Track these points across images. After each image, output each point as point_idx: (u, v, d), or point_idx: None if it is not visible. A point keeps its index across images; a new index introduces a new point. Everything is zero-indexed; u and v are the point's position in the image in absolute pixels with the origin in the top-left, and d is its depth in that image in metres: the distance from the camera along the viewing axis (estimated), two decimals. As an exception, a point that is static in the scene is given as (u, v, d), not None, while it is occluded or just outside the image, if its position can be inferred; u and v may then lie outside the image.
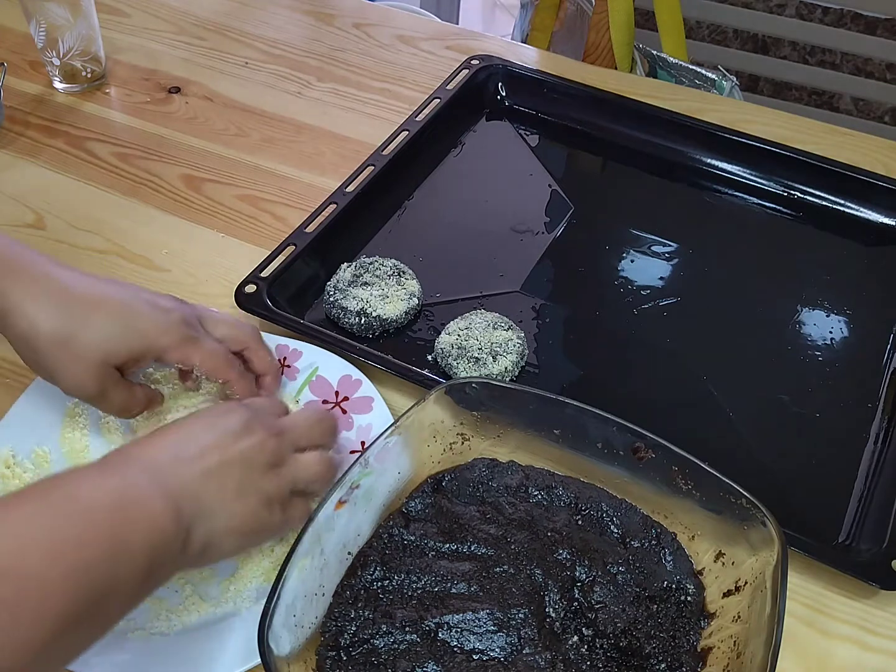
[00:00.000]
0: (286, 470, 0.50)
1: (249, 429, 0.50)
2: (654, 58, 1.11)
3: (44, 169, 0.84)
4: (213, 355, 0.57)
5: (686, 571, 0.53)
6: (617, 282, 0.76)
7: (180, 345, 0.55)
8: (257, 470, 0.49)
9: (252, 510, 0.48)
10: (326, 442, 0.55)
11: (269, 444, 0.50)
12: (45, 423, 0.60)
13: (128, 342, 0.54)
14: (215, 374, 0.58)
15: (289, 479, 0.50)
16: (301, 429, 0.53)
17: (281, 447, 0.51)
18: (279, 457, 0.50)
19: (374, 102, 0.94)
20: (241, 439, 0.49)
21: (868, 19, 1.30)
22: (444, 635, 0.49)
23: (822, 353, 0.71)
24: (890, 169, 0.86)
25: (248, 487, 0.48)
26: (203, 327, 0.58)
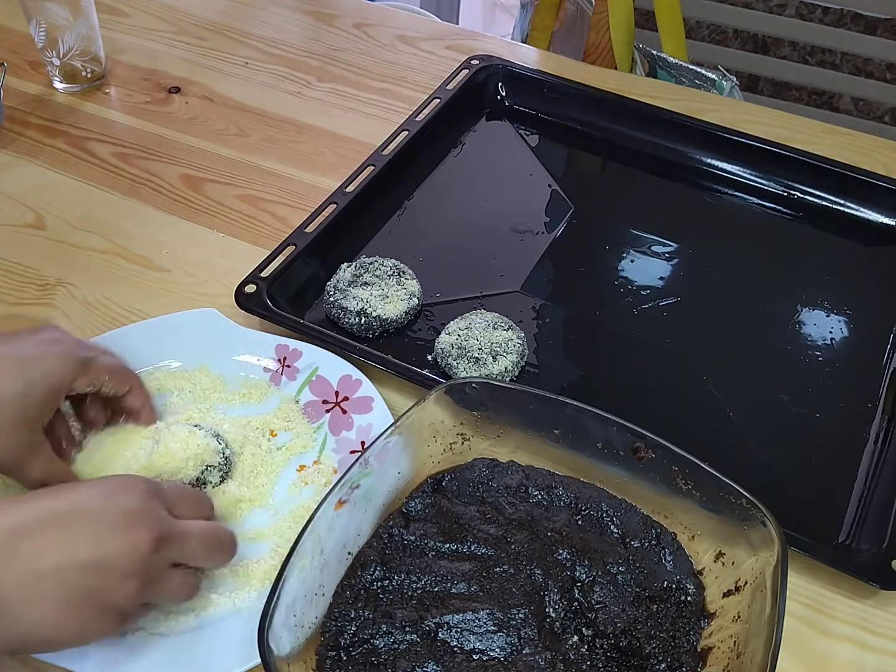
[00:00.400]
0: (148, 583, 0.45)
1: (129, 523, 0.44)
2: (654, 58, 1.11)
3: (44, 169, 0.84)
4: (114, 366, 0.56)
5: (686, 571, 0.53)
6: (617, 282, 0.76)
7: (83, 369, 0.53)
8: (109, 578, 0.43)
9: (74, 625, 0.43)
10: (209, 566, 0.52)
11: (140, 550, 0.44)
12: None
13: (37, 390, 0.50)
14: (121, 384, 0.56)
15: (145, 595, 0.45)
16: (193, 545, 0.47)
17: (154, 557, 0.45)
18: (148, 568, 0.44)
19: (374, 102, 0.94)
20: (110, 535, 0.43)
21: (868, 19, 1.30)
22: (444, 635, 0.49)
23: (822, 353, 0.71)
24: (890, 169, 0.86)
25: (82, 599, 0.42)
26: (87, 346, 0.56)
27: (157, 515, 0.46)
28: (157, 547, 0.45)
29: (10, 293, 0.72)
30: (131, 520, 0.44)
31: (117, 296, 0.72)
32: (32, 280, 0.73)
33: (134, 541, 0.44)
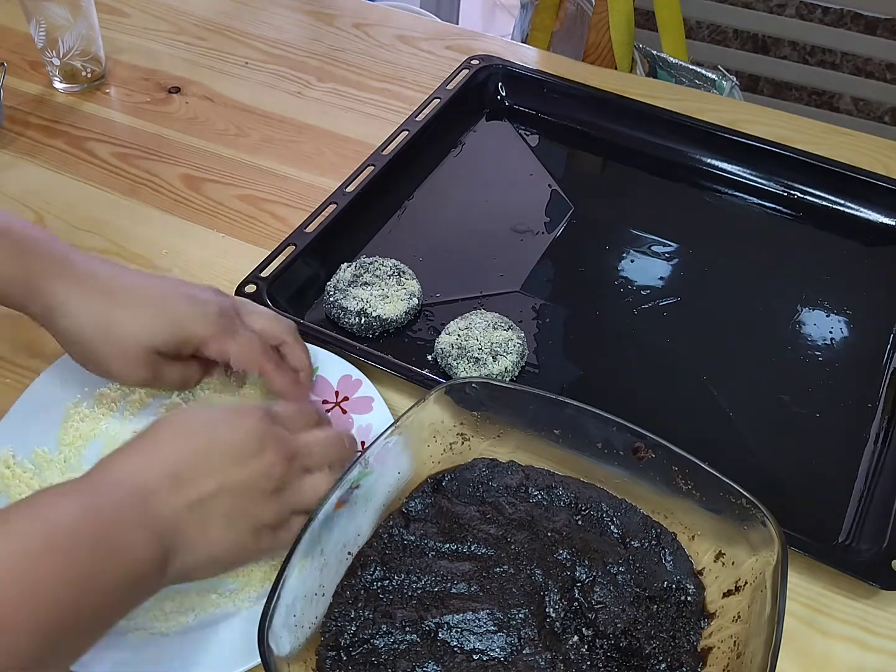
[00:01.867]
0: (288, 495, 0.49)
1: (259, 447, 0.48)
2: (654, 58, 1.11)
3: (44, 169, 0.84)
4: (248, 347, 0.57)
5: (686, 571, 0.53)
6: (617, 282, 0.76)
7: (217, 336, 0.56)
8: (255, 497, 0.47)
9: (238, 540, 0.47)
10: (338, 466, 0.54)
11: (276, 470, 0.48)
12: (44, 423, 0.60)
13: (166, 330, 0.55)
14: (251, 366, 0.58)
15: (289, 505, 0.49)
16: (317, 452, 0.52)
17: (289, 472, 0.49)
18: (285, 482, 0.49)
19: (374, 102, 0.94)
20: (246, 461, 0.47)
21: (868, 19, 1.30)
22: (444, 635, 0.49)
23: (822, 353, 0.71)
24: (890, 169, 0.86)
25: (239, 517, 0.47)
26: (240, 319, 0.58)
27: (279, 435, 0.50)
28: (287, 462, 0.49)
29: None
30: (259, 445, 0.48)
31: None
32: (32, 280, 0.73)
33: (268, 461, 0.48)
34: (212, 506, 0.46)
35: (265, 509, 0.48)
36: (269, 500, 0.48)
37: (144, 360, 0.55)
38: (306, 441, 0.52)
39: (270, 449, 0.48)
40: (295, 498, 0.50)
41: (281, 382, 0.59)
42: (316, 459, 0.51)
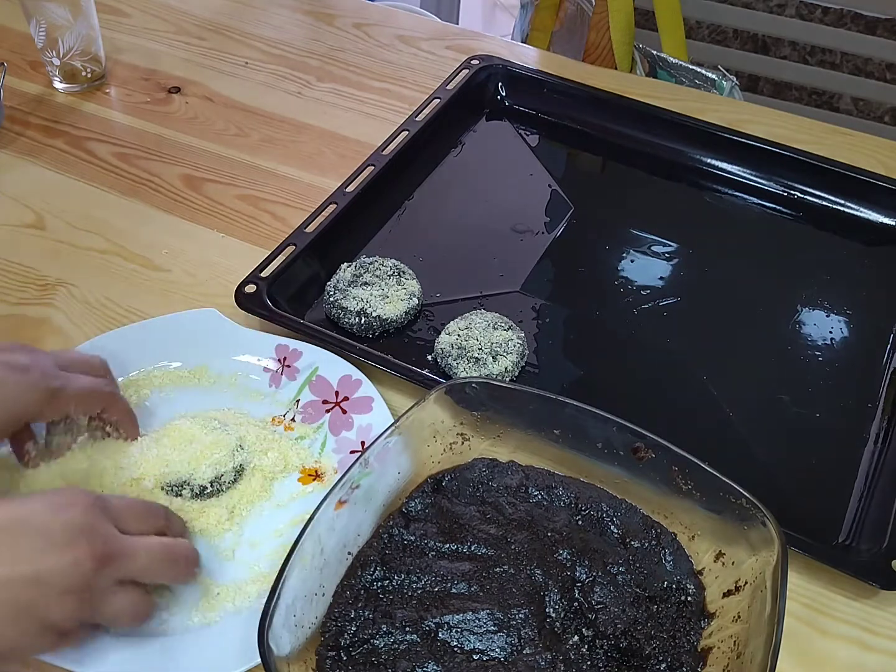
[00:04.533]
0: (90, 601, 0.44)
1: (71, 539, 0.43)
2: (654, 58, 1.11)
3: (44, 169, 0.84)
4: (83, 395, 0.54)
5: (686, 571, 0.53)
6: (617, 282, 0.76)
7: (48, 400, 0.52)
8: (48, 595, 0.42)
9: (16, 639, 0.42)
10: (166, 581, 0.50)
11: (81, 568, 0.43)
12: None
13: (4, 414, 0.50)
14: (93, 407, 0.55)
15: (86, 612, 0.44)
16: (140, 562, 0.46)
17: (97, 574, 0.43)
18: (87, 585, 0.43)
19: (374, 102, 0.94)
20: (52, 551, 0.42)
21: (868, 19, 1.30)
22: (444, 635, 0.49)
23: (822, 353, 0.71)
24: (890, 169, 0.86)
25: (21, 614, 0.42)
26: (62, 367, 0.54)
27: (102, 531, 0.45)
28: (99, 565, 0.44)
29: (10, 293, 0.72)
30: (73, 536, 0.43)
31: (117, 296, 0.72)
32: (32, 280, 0.73)
33: (74, 558, 0.43)
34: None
35: (57, 610, 0.43)
36: (66, 599, 0.43)
37: None
38: (135, 546, 0.46)
39: (82, 544, 0.43)
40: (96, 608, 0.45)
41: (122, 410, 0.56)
42: (139, 569, 0.46)
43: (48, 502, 0.44)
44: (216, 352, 0.65)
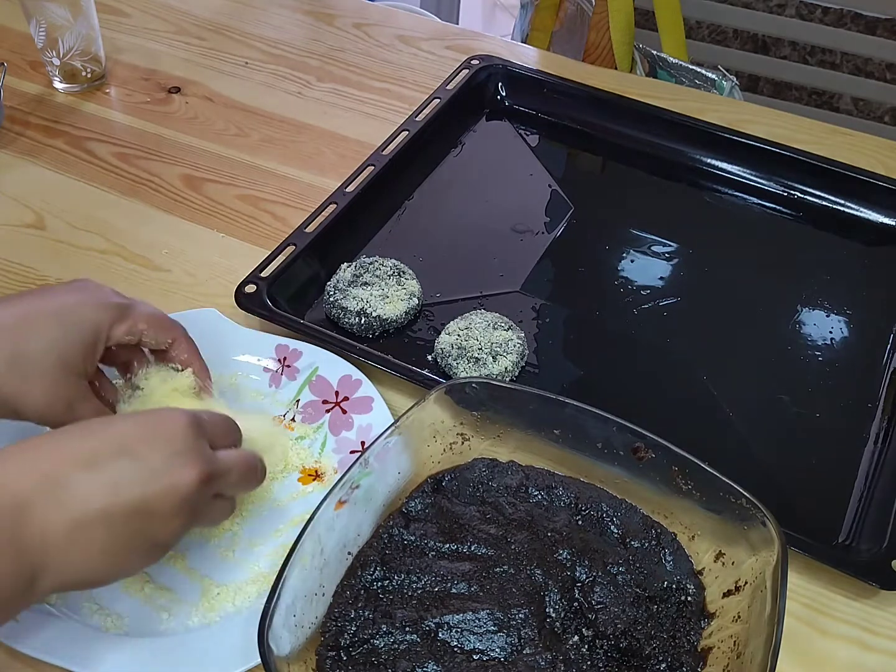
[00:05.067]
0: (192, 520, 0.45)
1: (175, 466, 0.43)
2: (654, 58, 1.11)
3: (44, 169, 0.84)
4: (153, 315, 0.54)
5: (686, 571, 0.53)
6: (617, 282, 0.76)
7: (120, 315, 0.52)
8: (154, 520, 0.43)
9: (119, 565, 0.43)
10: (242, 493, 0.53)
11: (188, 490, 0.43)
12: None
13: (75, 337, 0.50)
14: (163, 334, 0.55)
15: (190, 528, 0.46)
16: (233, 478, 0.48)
17: (201, 496, 0.45)
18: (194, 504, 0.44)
19: (374, 102, 0.94)
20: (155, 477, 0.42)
21: (868, 19, 1.30)
22: (444, 635, 0.49)
23: (822, 353, 0.71)
24: (890, 169, 0.86)
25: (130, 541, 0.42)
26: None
27: (202, 453, 0.45)
28: (200, 486, 0.44)
29: (10, 293, 0.72)
30: (176, 460, 0.43)
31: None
32: (32, 280, 0.73)
33: (179, 481, 0.43)
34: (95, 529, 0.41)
35: (164, 531, 0.44)
36: (171, 521, 0.43)
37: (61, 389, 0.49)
38: (227, 463, 0.47)
39: (186, 468, 0.43)
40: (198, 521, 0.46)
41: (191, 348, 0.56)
42: (230, 484, 0.48)
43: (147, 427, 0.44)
44: (216, 352, 0.65)
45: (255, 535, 0.56)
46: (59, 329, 0.50)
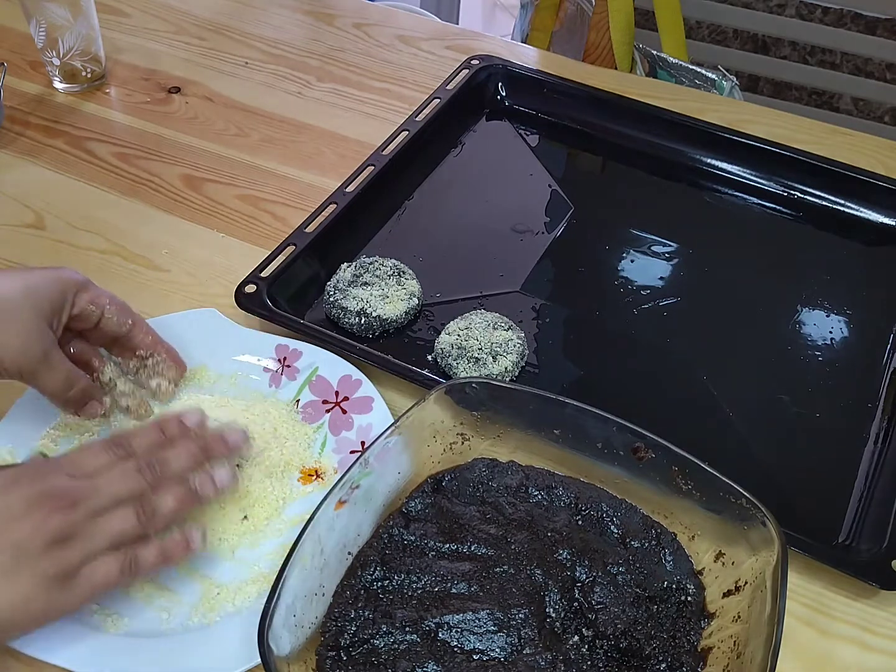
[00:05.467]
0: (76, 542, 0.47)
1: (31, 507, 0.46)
2: (654, 58, 1.11)
3: (44, 169, 0.84)
4: (115, 296, 0.60)
5: (686, 571, 0.53)
6: (617, 282, 0.76)
7: (86, 286, 0.57)
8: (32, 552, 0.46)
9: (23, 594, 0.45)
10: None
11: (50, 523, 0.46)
12: (45, 423, 0.60)
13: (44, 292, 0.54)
14: (123, 314, 0.60)
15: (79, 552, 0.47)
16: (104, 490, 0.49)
17: (68, 521, 0.47)
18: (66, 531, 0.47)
19: (374, 102, 0.94)
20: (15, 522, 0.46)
21: (868, 19, 1.30)
22: (444, 635, 0.49)
23: (822, 353, 0.71)
24: (890, 169, 0.86)
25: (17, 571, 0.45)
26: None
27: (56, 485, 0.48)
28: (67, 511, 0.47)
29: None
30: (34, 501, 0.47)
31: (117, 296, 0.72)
32: (32, 280, 0.73)
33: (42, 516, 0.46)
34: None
35: (47, 562, 0.46)
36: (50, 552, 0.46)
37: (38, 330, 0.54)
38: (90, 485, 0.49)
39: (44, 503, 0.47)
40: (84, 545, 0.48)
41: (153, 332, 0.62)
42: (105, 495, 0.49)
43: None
44: (216, 352, 0.65)
45: (256, 536, 0.56)
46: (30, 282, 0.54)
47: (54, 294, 0.55)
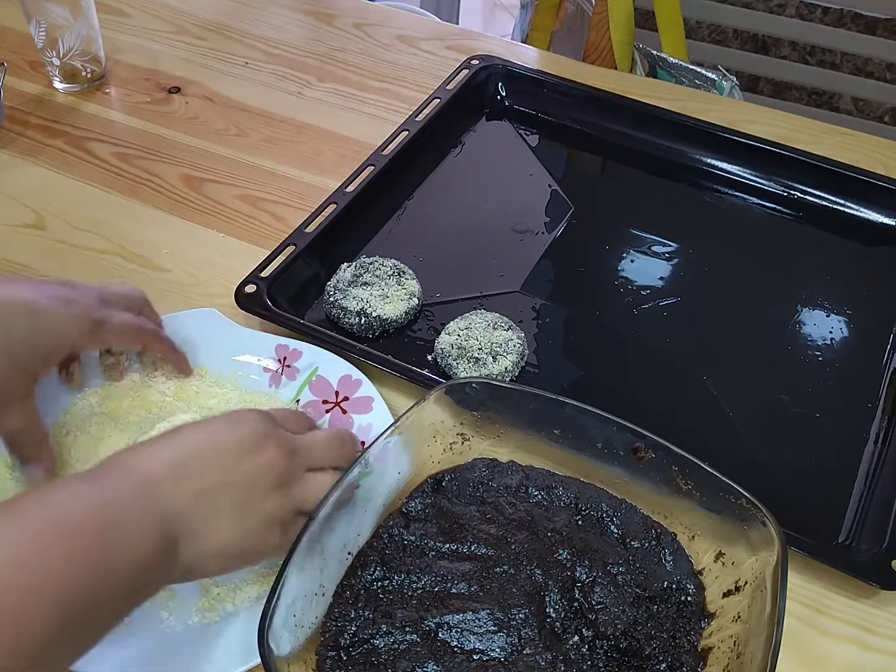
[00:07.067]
0: (294, 491, 0.49)
1: (260, 445, 0.48)
2: (654, 58, 1.11)
3: (44, 169, 0.84)
4: (125, 327, 0.57)
5: (686, 571, 0.53)
6: (617, 282, 0.76)
7: (91, 332, 0.55)
8: (260, 491, 0.48)
9: (246, 534, 0.47)
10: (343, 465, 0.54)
11: (278, 464, 0.49)
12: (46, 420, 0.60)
13: (37, 345, 0.53)
14: (134, 343, 0.59)
15: (295, 501, 0.50)
16: (318, 449, 0.52)
17: (291, 467, 0.50)
18: (287, 477, 0.49)
19: (374, 102, 0.94)
20: (249, 457, 0.48)
21: (868, 19, 1.30)
22: (444, 635, 0.49)
23: (822, 353, 0.71)
24: (890, 169, 0.86)
25: (246, 510, 0.47)
26: (103, 302, 0.57)
27: (280, 433, 0.50)
28: (288, 459, 0.49)
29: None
30: (260, 441, 0.49)
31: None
32: (32, 280, 0.73)
33: (268, 458, 0.48)
34: (218, 496, 0.46)
35: (271, 503, 0.48)
36: (274, 494, 0.48)
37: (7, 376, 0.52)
38: (307, 439, 0.52)
39: (271, 445, 0.49)
40: (299, 496, 0.50)
41: (165, 349, 0.61)
42: (317, 457, 0.52)
43: (228, 422, 0.50)
44: (216, 352, 0.65)
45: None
46: (24, 328, 0.52)
47: (49, 346, 0.53)
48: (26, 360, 0.53)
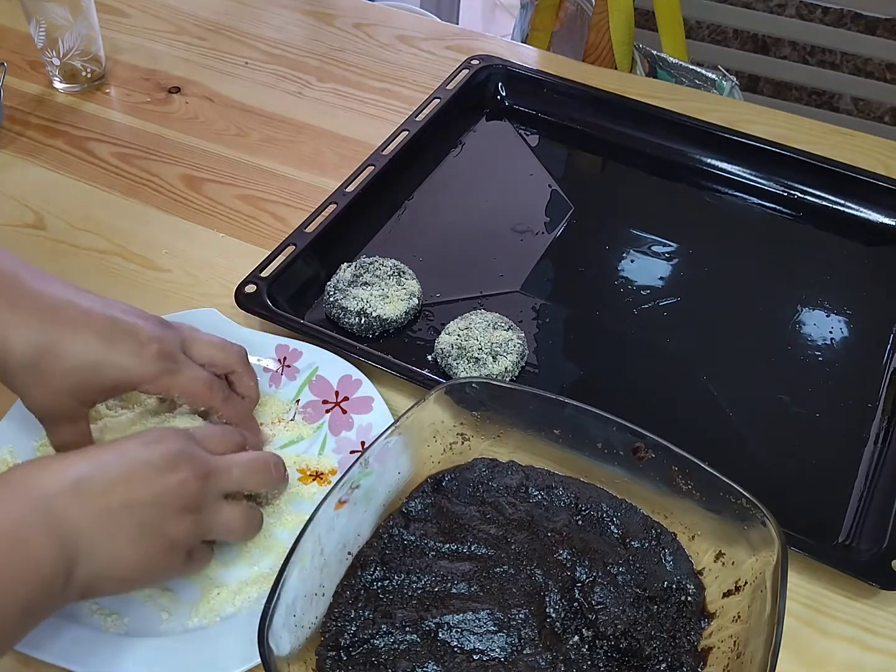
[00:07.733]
0: (203, 517, 0.48)
1: (172, 465, 0.47)
2: (654, 58, 1.11)
3: (44, 169, 0.84)
4: (192, 385, 0.54)
5: (686, 571, 0.53)
6: (617, 282, 0.76)
7: (156, 378, 0.53)
8: (168, 514, 0.46)
9: (148, 557, 0.46)
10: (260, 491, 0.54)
11: (189, 487, 0.47)
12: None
13: (99, 376, 0.52)
14: (196, 403, 0.56)
15: (203, 527, 0.48)
16: (235, 474, 0.50)
17: (203, 491, 0.48)
18: (199, 501, 0.48)
19: (374, 102, 0.94)
20: (159, 477, 0.46)
21: (868, 19, 1.30)
22: (444, 635, 0.49)
23: (822, 353, 0.71)
24: (890, 169, 0.86)
25: (150, 532, 0.46)
26: (187, 351, 0.56)
27: (196, 454, 0.49)
28: (202, 481, 0.48)
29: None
30: (173, 461, 0.47)
31: (117, 296, 0.71)
32: (32, 280, 0.73)
33: (180, 479, 0.47)
34: (121, 516, 0.45)
35: (177, 527, 0.47)
36: (183, 518, 0.47)
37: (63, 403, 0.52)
38: (225, 463, 0.50)
39: (185, 467, 0.47)
40: (207, 523, 0.49)
41: (229, 414, 0.57)
42: (234, 482, 0.50)
43: (142, 440, 0.48)
44: (216, 352, 0.65)
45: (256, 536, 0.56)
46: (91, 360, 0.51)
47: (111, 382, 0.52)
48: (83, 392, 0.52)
